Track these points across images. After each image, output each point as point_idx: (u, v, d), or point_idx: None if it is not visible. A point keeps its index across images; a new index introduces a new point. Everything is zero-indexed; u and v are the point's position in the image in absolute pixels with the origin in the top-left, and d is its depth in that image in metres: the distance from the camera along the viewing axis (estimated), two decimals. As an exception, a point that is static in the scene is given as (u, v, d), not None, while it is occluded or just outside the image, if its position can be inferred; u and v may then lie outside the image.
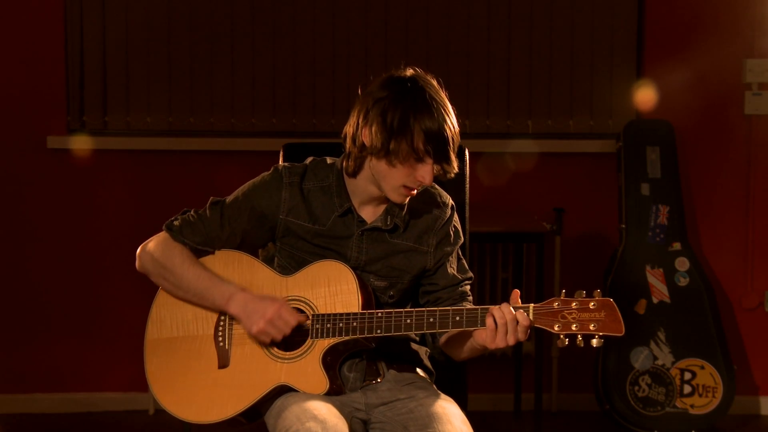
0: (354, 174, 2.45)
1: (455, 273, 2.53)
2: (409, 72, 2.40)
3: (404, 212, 2.47)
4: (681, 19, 4.35)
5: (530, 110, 4.40)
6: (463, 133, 4.29)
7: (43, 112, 4.30)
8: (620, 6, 4.37)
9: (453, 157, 2.36)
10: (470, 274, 2.57)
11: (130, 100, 4.34)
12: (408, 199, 2.43)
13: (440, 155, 2.34)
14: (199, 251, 2.47)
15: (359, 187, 2.46)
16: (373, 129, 2.34)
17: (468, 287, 2.55)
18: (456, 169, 2.39)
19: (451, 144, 2.35)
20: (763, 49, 4.32)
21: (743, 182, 4.39)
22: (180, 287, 2.45)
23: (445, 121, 2.34)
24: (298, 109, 4.36)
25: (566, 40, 4.37)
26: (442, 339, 2.51)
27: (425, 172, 2.36)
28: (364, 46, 4.33)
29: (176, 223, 2.48)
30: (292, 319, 2.36)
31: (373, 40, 4.33)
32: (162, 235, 2.49)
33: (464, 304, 2.50)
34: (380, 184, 2.40)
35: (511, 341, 2.26)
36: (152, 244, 2.48)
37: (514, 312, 2.25)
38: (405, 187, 2.38)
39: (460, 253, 2.56)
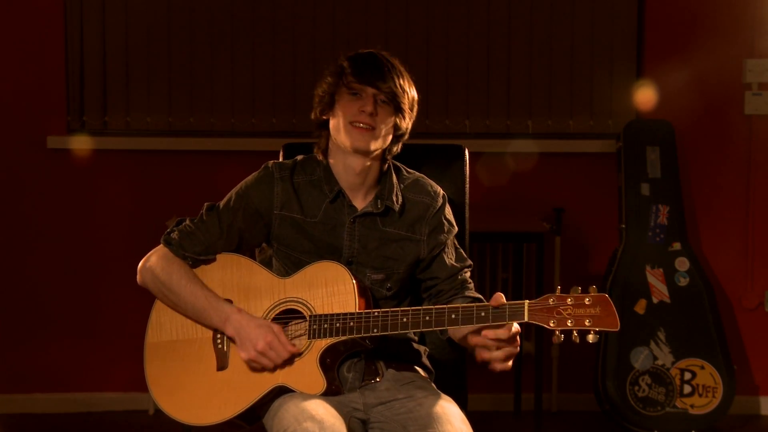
0: (325, 150, 2.50)
1: (453, 263, 2.54)
2: None
3: (394, 195, 2.49)
4: (681, 19, 4.35)
5: (530, 110, 4.40)
6: (463, 133, 4.38)
7: (43, 112, 4.30)
8: (620, 6, 4.36)
9: (394, 83, 2.41)
10: (469, 261, 2.57)
11: (130, 100, 4.34)
12: (367, 140, 2.42)
13: (371, 77, 2.41)
14: (200, 261, 2.47)
15: (339, 167, 2.48)
16: (319, 91, 2.47)
17: (468, 274, 2.56)
18: (403, 99, 2.43)
19: (385, 68, 2.42)
20: (763, 49, 4.32)
21: (743, 182, 4.38)
22: (178, 305, 2.46)
23: (376, 56, 2.44)
24: (298, 109, 4.35)
25: (566, 40, 4.37)
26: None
27: (364, 101, 2.42)
28: (365, 45, 4.30)
29: (174, 235, 2.47)
30: (284, 352, 2.35)
31: (373, 40, 4.32)
32: (161, 250, 2.47)
33: (465, 292, 2.51)
34: (338, 140, 2.44)
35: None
36: (152, 259, 2.47)
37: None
38: (352, 124, 2.42)
39: (455, 242, 2.57)
